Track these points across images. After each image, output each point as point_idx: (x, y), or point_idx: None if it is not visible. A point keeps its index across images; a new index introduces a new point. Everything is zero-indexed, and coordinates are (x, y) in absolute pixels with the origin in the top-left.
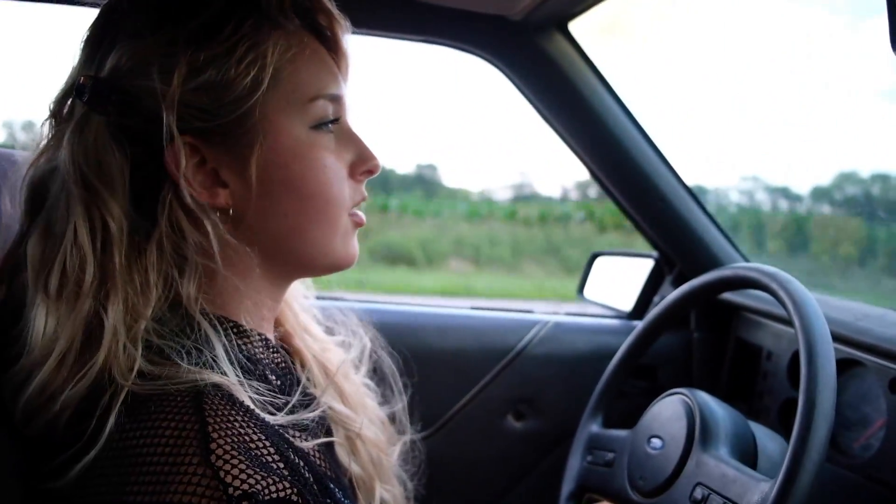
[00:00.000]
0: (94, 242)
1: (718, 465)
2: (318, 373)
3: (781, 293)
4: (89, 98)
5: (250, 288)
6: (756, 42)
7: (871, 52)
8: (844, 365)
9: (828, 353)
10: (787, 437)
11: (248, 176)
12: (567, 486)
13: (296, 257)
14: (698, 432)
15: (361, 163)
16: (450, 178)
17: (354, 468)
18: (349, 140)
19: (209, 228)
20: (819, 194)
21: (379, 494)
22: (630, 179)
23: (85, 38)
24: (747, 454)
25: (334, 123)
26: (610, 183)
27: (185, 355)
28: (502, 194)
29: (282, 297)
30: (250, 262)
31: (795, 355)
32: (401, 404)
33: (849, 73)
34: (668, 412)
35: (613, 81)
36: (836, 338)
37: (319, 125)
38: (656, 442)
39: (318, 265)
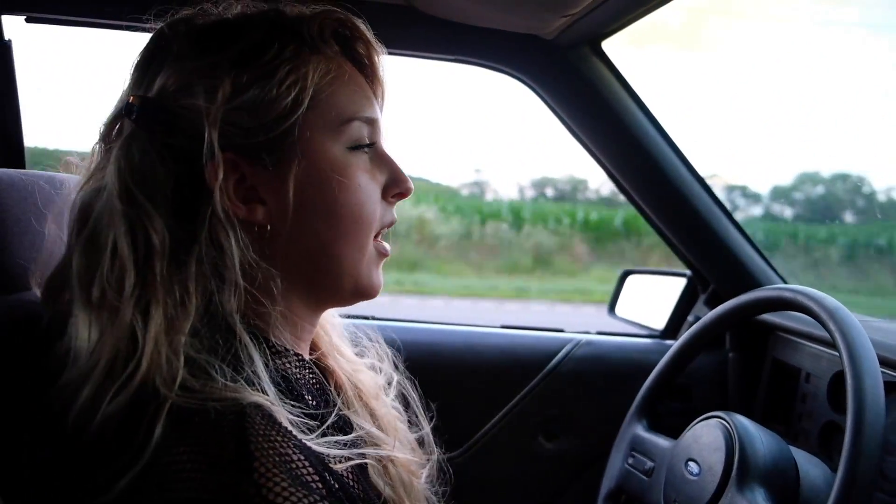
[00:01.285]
0: (136, 254)
1: None
2: (351, 393)
3: (825, 316)
4: (137, 116)
5: (285, 306)
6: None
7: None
8: (889, 388)
9: (875, 378)
10: (828, 461)
11: (284, 193)
12: (607, 484)
13: (323, 277)
14: (736, 468)
15: (395, 185)
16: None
17: (386, 490)
18: (383, 162)
19: (244, 244)
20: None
21: None
22: (663, 198)
23: (135, 62)
24: (787, 489)
25: (370, 146)
26: (643, 201)
27: (224, 371)
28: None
29: (317, 320)
30: (278, 283)
31: (836, 377)
32: (428, 428)
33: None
34: (707, 437)
35: (646, 99)
36: (881, 361)
37: (355, 147)
38: (693, 467)
39: (344, 288)
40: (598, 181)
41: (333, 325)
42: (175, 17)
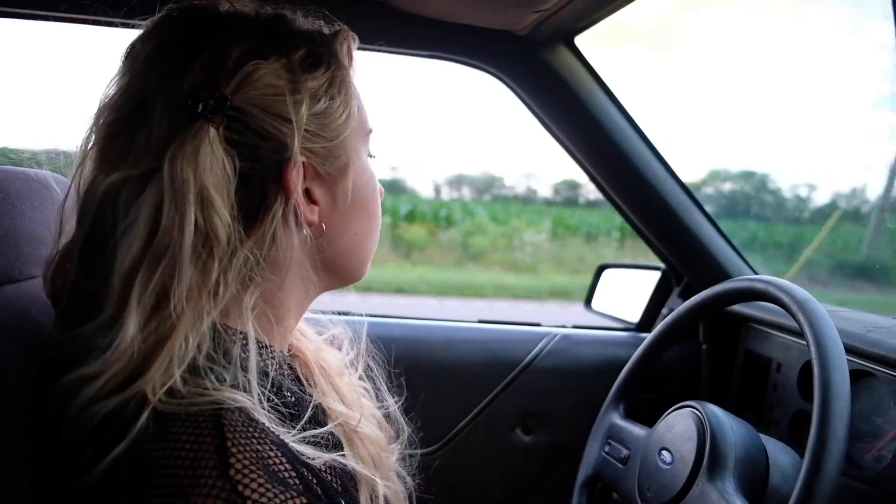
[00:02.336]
0: (197, 258)
1: (721, 500)
2: (318, 374)
3: (793, 306)
4: (211, 108)
5: (293, 302)
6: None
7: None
8: (855, 376)
9: (841, 367)
10: (798, 448)
11: (335, 195)
12: (584, 472)
13: (349, 270)
14: (707, 458)
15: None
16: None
17: (355, 465)
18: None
19: (291, 244)
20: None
21: (381, 492)
22: (636, 192)
23: (162, 44)
24: (756, 478)
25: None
26: (616, 195)
27: (215, 370)
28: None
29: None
30: (309, 277)
31: (805, 367)
32: (394, 407)
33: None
34: (680, 427)
35: (620, 93)
36: (847, 349)
37: (370, 154)
38: (666, 456)
39: (355, 277)
40: (514, 179)
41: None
42: (192, 7)
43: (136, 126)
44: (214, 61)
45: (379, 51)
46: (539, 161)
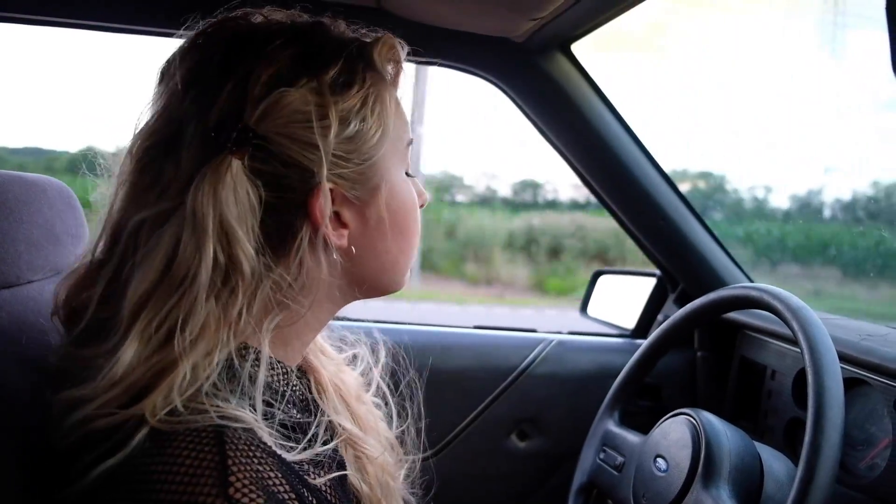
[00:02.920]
0: (216, 291)
1: None
2: (333, 394)
3: (787, 314)
4: (234, 141)
5: (316, 320)
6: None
7: None
8: (849, 384)
9: (835, 375)
10: (792, 456)
11: (366, 218)
12: (579, 478)
13: (382, 285)
14: (702, 465)
15: (420, 198)
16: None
17: (363, 489)
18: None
19: (325, 268)
20: None
21: None
22: (632, 198)
23: (193, 71)
24: (752, 484)
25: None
26: (612, 201)
27: (220, 393)
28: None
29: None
30: (338, 297)
31: (800, 374)
32: (407, 423)
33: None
34: (675, 434)
35: (615, 100)
36: (841, 357)
37: (408, 171)
38: (661, 463)
39: (390, 290)
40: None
41: None
42: (227, 23)
43: (169, 155)
44: (242, 88)
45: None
46: (499, 160)
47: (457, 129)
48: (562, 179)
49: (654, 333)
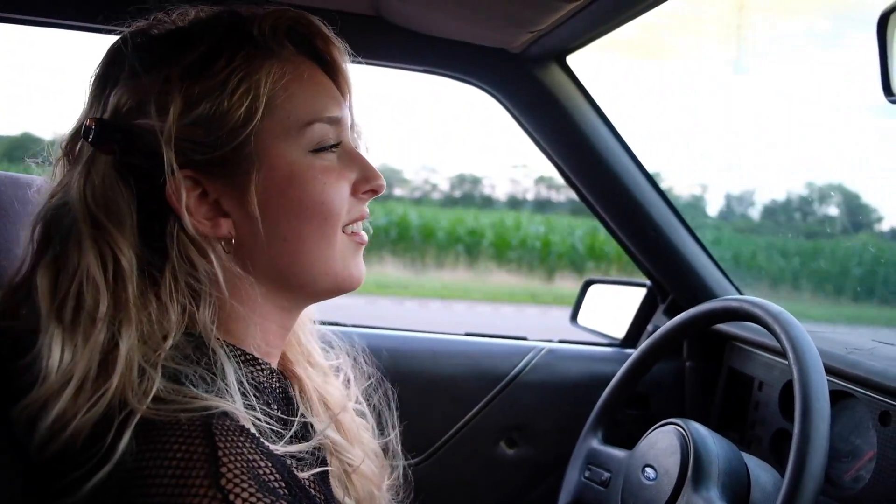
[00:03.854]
0: (107, 276)
1: None
2: (317, 402)
3: (776, 327)
4: (94, 139)
5: (258, 316)
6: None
7: None
8: (835, 397)
9: (822, 388)
10: (779, 467)
11: (247, 204)
12: (564, 498)
13: (298, 280)
14: (691, 470)
15: (365, 182)
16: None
17: (347, 501)
18: (352, 160)
19: (213, 259)
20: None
21: None
22: (623, 208)
23: (92, 78)
24: (740, 491)
25: (335, 147)
26: (604, 212)
27: (197, 381)
28: None
29: (291, 325)
30: (255, 289)
31: (787, 386)
32: (394, 434)
33: None
34: (663, 443)
35: (609, 112)
36: (828, 370)
37: (319, 149)
38: (650, 472)
39: (320, 287)
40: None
41: (307, 331)
42: (130, 29)
43: (68, 155)
44: (103, 84)
45: (372, 64)
46: (438, 155)
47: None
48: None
49: (644, 344)
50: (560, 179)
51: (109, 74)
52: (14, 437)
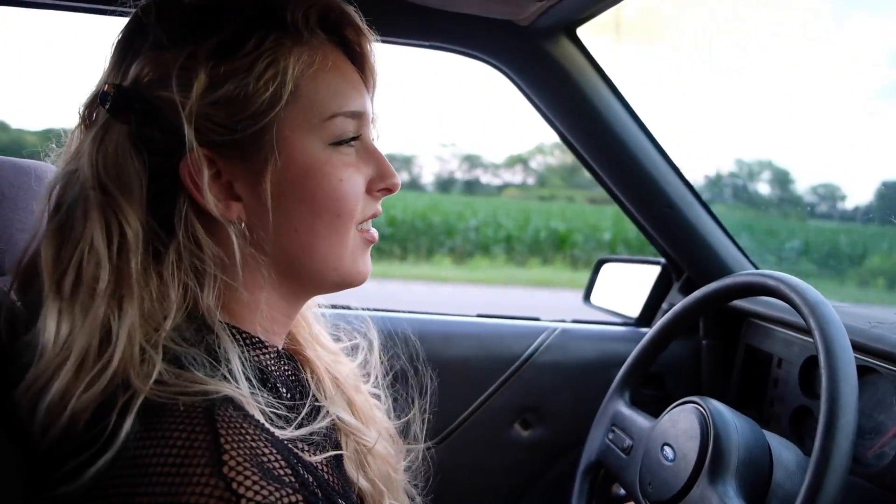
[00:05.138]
0: (111, 247)
1: None
2: (329, 384)
3: (799, 301)
4: (112, 106)
5: (264, 301)
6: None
7: None
8: (859, 373)
9: (849, 364)
10: (800, 445)
11: (261, 191)
12: (586, 458)
13: (306, 273)
14: (709, 459)
15: (380, 179)
16: None
17: (363, 483)
18: (370, 156)
19: (221, 241)
20: None
21: None
22: (637, 185)
23: (114, 43)
24: (759, 480)
25: (355, 140)
26: (617, 189)
27: (200, 365)
28: None
29: (296, 313)
30: (262, 276)
31: (807, 362)
32: (412, 413)
33: None
34: (684, 424)
35: (622, 86)
36: (852, 345)
37: (338, 142)
38: (669, 452)
39: (327, 281)
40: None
41: (316, 314)
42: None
43: (86, 120)
44: (125, 51)
45: (378, 41)
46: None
47: None
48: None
49: (663, 319)
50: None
51: (131, 42)
52: (15, 426)
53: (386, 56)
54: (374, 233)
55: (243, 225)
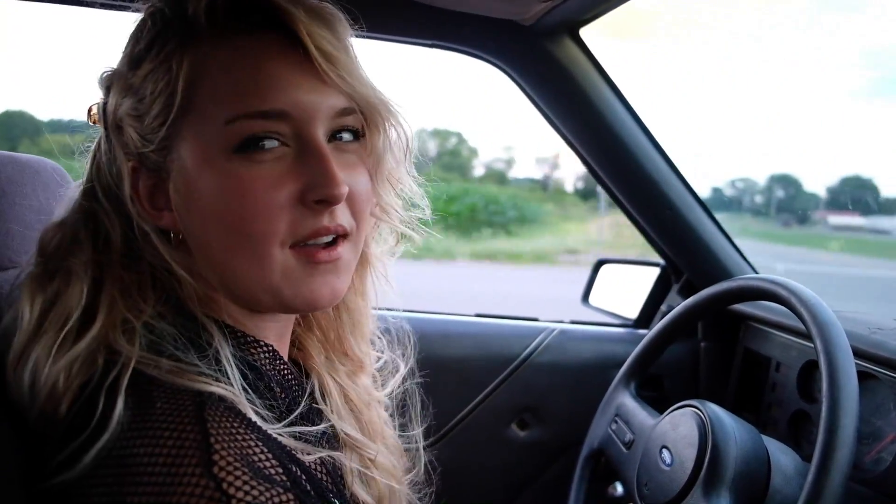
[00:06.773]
0: (97, 241)
1: None
2: (337, 397)
3: (800, 306)
4: (100, 118)
5: (236, 313)
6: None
7: None
8: (858, 378)
9: (850, 370)
10: (797, 449)
11: (174, 203)
12: (588, 445)
13: (241, 293)
14: (705, 469)
15: (311, 190)
16: None
17: (366, 497)
18: (304, 161)
19: (151, 247)
20: None
21: None
22: (638, 187)
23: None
24: (755, 489)
25: (278, 144)
26: (618, 190)
27: (189, 354)
28: None
29: (283, 321)
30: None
31: (805, 367)
32: (411, 413)
33: None
34: (683, 429)
35: (624, 87)
36: (851, 351)
37: (246, 149)
38: (667, 456)
39: (263, 302)
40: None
41: (356, 322)
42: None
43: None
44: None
45: (379, 39)
46: None
47: None
48: None
49: (662, 322)
50: None
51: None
52: (13, 413)
53: (388, 55)
54: (324, 253)
55: (179, 235)
